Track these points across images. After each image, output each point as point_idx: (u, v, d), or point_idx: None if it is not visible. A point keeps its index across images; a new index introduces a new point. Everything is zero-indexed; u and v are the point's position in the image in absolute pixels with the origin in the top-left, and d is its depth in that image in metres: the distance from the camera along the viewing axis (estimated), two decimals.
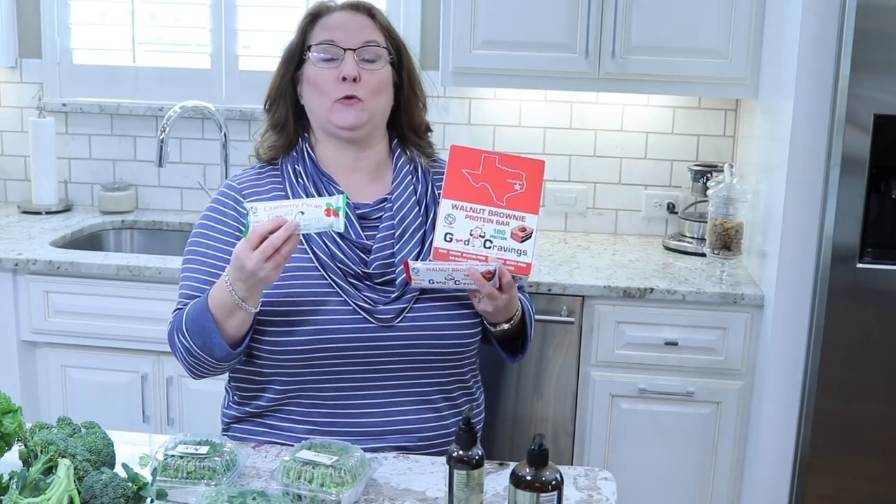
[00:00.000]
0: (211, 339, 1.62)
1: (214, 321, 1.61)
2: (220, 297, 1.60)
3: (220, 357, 1.64)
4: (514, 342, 1.82)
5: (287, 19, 3.01)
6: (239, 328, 1.63)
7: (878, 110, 2.21)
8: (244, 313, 1.60)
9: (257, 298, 1.60)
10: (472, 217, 1.66)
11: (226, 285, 1.58)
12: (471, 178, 1.67)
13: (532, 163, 1.70)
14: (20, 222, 3.04)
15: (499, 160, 1.69)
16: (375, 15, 1.81)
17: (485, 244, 1.64)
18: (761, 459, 2.44)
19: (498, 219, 1.66)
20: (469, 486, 1.37)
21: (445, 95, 3.03)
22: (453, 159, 1.69)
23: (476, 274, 1.60)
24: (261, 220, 1.54)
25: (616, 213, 3.10)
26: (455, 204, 1.66)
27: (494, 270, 1.61)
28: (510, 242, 1.65)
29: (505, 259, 1.63)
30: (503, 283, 1.62)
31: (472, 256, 1.64)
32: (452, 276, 1.61)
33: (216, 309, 1.61)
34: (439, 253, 1.64)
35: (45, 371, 2.71)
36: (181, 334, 1.66)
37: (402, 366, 1.70)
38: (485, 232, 1.65)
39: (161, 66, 3.23)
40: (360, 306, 1.67)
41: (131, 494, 1.32)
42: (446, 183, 1.68)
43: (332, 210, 1.55)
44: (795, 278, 2.35)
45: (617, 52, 2.64)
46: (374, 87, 1.75)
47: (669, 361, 2.52)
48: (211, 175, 3.19)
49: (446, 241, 1.65)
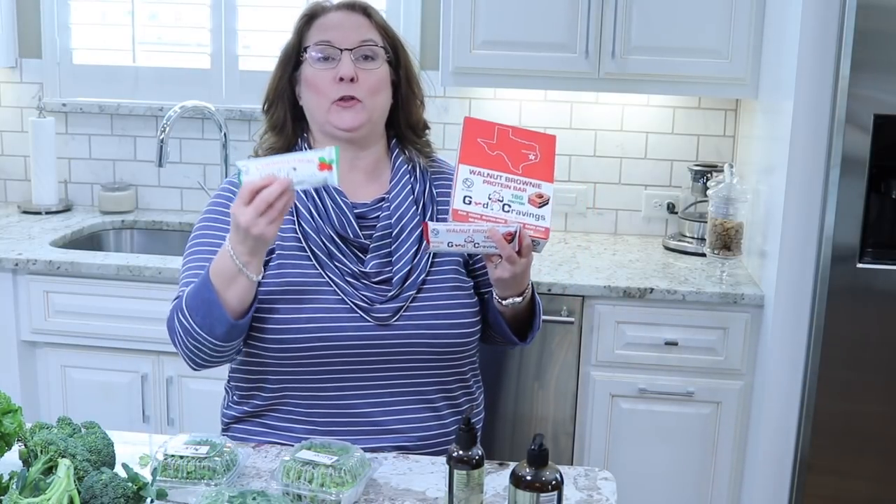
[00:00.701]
0: (211, 311, 1.58)
1: (215, 291, 1.58)
2: (222, 265, 1.58)
3: (221, 334, 1.60)
4: (520, 325, 1.81)
5: (287, 19, 2.97)
6: (241, 299, 1.59)
7: (878, 110, 2.21)
8: (246, 280, 1.57)
9: (258, 264, 1.58)
10: (489, 182, 1.63)
11: (227, 251, 1.56)
12: (486, 146, 1.66)
13: (544, 136, 1.71)
14: (20, 222, 3.04)
15: (512, 132, 1.69)
16: (371, 14, 1.80)
17: (503, 208, 1.62)
18: (761, 459, 2.44)
19: (515, 185, 1.64)
20: (469, 486, 1.37)
21: (445, 95, 3.03)
22: (468, 129, 1.68)
23: (497, 235, 1.58)
24: (253, 179, 1.51)
25: (616, 213, 3.10)
26: (472, 169, 1.64)
27: (516, 231, 1.59)
28: (528, 207, 1.63)
29: (524, 223, 1.61)
30: (522, 245, 1.60)
31: (491, 218, 1.61)
32: (472, 238, 1.58)
33: (217, 277, 1.58)
34: (458, 215, 1.61)
35: (45, 371, 2.71)
36: (181, 313, 1.63)
37: (399, 364, 1.70)
38: (503, 196, 1.63)
39: (161, 66, 3.23)
40: (357, 304, 1.67)
41: (131, 494, 1.32)
42: (462, 149, 1.66)
43: (325, 164, 1.51)
44: (795, 278, 2.35)
45: (617, 52, 2.64)
46: (373, 87, 1.75)
47: (669, 361, 2.52)
48: (211, 175, 3.19)
49: (465, 204, 1.62)
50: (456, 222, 1.60)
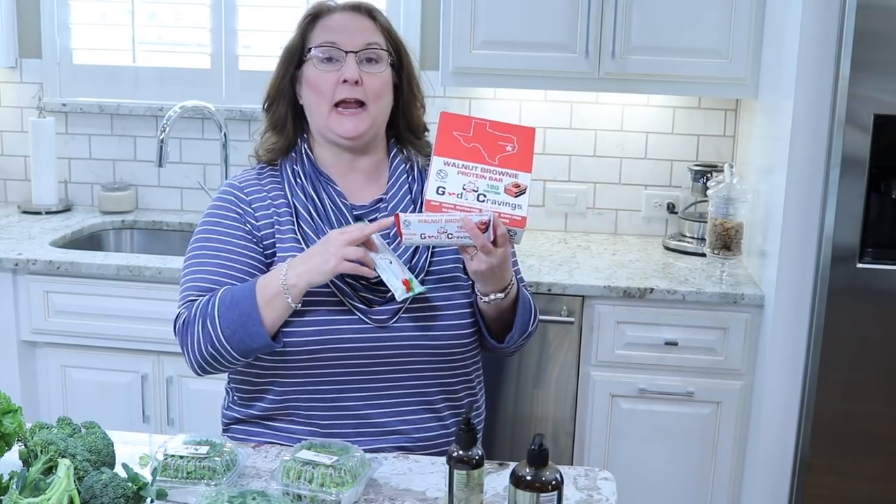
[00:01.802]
0: (248, 326, 1.60)
1: (258, 310, 1.60)
2: (267, 283, 1.61)
3: (249, 348, 1.62)
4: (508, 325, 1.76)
5: (287, 19, 3.01)
6: (275, 320, 1.62)
7: (878, 110, 2.21)
8: (283, 303, 1.60)
9: (301, 291, 1.60)
10: (464, 173, 1.61)
11: (279, 271, 1.60)
12: (462, 139, 1.65)
13: (523, 129, 1.69)
14: (20, 222, 3.04)
15: (489, 125, 1.67)
16: (376, 16, 1.80)
17: (478, 198, 1.60)
18: (761, 459, 2.44)
19: (491, 175, 1.62)
20: (469, 486, 1.37)
21: (445, 95, 3.03)
22: (443, 123, 1.66)
23: (470, 224, 1.55)
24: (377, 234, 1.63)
25: (616, 213, 3.10)
26: (446, 161, 1.62)
27: (489, 221, 1.56)
28: (504, 197, 1.60)
29: (500, 212, 1.59)
30: (497, 234, 1.57)
31: (465, 208, 1.58)
32: (445, 229, 1.56)
33: (261, 294, 1.61)
34: (431, 205, 1.59)
35: (45, 371, 2.71)
36: (209, 322, 1.62)
37: (398, 366, 1.70)
38: (478, 187, 1.61)
39: (161, 66, 3.23)
40: (356, 306, 1.67)
41: (131, 494, 1.32)
42: (437, 142, 1.64)
43: (408, 283, 1.61)
44: (795, 278, 2.35)
45: (617, 52, 2.64)
46: (377, 90, 1.75)
47: (669, 361, 2.52)
48: (211, 175, 3.19)
49: (438, 194, 1.60)
50: (428, 213, 1.59)
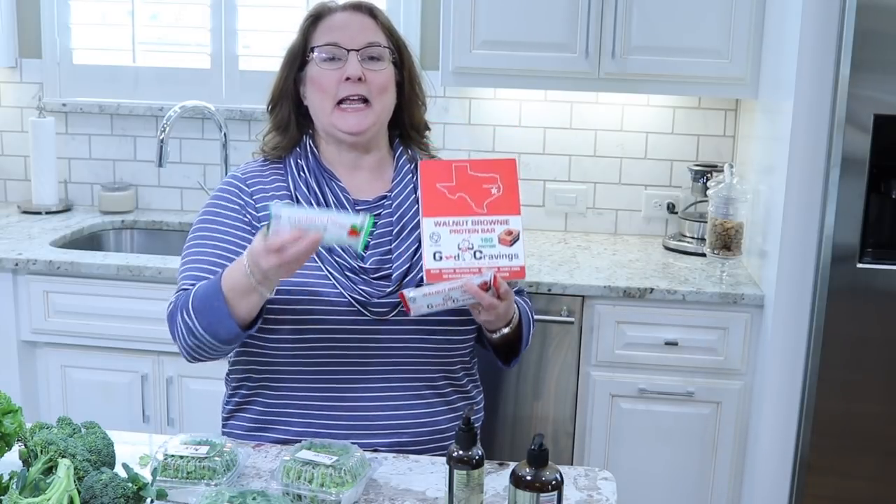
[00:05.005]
0: (219, 320, 1.60)
1: (226, 302, 1.59)
2: (236, 279, 1.59)
3: (224, 339, 1.62)
4: (512, 347, 1.81)
5: (287, 19, 3.02)
6: (250, 311, 1.61)
7: (878, 110, 2.22)
8: (258, 296, 1.59)
9: (273, 286, 1.60)
10: (456, 231, 1.63)
11: (244, 267, 1.57)
12: (447, 191, 1.65)
13: (503, 163, 1.68)
14: (20, 222, 3.04)
15: (470, 167, 1.67)
16: (377, 15, 1.81)
17: (475, 255, 1.62)
18: (761, 459, 2.44)
19: (483, 227, 1.63)
20: (469, 486, 1.37)
21: (445, 95, 3.03)
22: (425, 175, 1.66)
23: (473, 288, 1.58)
24: (283, 228, 1.52)
25: (616, 213, 3.10)
26: (437, 221, 1.63)
27: (489, 280, 1.59)
28: (499, 248, 1.62)
29: (498, 267, 1.61)
30: (500, 291, 1.60)
31: (465, 270, 1.61)
32: (450, 296, 1.59)
33: (230, 290, 1.59)
34: (432, 274, 1.61)
35: (45, 371, 2.71)
36: (185, 313, 1.64)
37: (396, 360, 1.71)
38: (472, 243, 1.62)
39: (161, 66, 3.23)
40: (356, 299, 1.68)
41: (131, 494, 1.32)
42: (423, 200, 1.65)
43: (355, 230, 1.54)
44: (795, 278, 2.35)
45: (617, 52, 2.64)
46: (380, 86, 1.76)
47: (669, 361, 2.52)
48: (211, 175, 3.19)
49: (436, 261, 1.62)
50: (430, 284, 1.60)
